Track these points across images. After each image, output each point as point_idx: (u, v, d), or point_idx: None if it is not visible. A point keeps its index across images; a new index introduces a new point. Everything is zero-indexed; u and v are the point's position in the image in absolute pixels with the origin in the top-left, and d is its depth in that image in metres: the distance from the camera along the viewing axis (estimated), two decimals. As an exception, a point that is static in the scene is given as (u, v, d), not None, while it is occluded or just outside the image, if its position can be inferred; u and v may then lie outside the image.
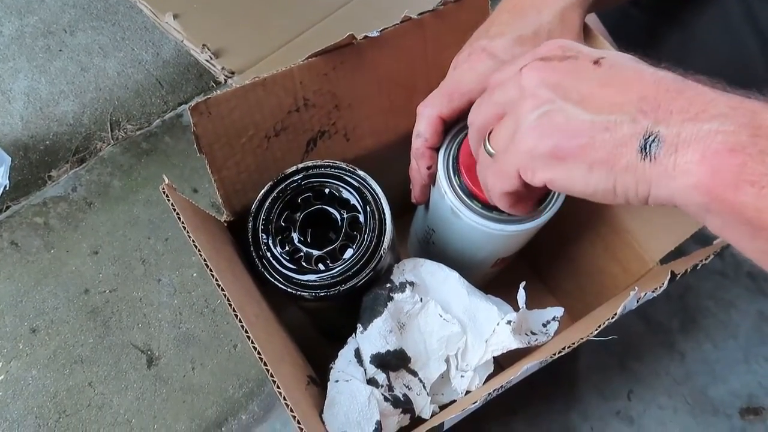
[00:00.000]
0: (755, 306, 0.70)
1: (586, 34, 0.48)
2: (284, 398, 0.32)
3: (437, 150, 0.46)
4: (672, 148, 0.27)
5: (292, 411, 0.32)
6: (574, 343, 0.35)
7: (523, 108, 0.32)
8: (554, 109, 0.31)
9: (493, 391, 0.33)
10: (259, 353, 0.33)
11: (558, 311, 0.45)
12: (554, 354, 0.35)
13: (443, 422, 0.33)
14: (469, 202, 0.44)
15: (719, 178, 0.25)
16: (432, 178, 0.48)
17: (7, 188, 0.71)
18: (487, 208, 0.43)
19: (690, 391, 0.64)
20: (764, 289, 0.71)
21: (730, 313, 0.69)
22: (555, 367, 0.37)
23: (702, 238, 0.49)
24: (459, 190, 0.44)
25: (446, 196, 0.44)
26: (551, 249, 0.61)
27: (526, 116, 0.32)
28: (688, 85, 0.28)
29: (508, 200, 0.37)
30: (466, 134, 0.45)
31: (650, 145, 0.27)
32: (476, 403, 0.33)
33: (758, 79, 0.55)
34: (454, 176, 0.44)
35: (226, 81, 0.75)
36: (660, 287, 0.38)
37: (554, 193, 0.45)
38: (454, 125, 0.47)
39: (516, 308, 0.43)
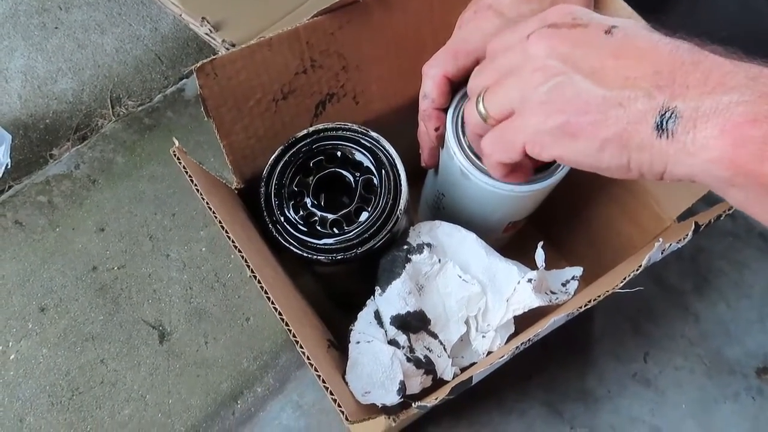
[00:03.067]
0: (768, 266, 0.69)
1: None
2: (308, 358, 0.31)
3: (445, 111, 0.45)
4: (690, 124, 0.26)
5: (317, 371, 0.31)
6: (599, 296, 0.35)
7: (531, 79, 0.31)
8: (564, 82, 0.30)
9: (521, 344, 0.33)
10: (280, 314, 0.32)
11: (577, 270, 0.45)
12: (580, 307, 0.34)
13: (472, 377, 0.32)
14: (478, 162, 0.43)
15: (742, 150, 0.25)
16: (440, 140, 0.47)
17: (9, 167, 0.70)
18: None
19: (705, 352, 0.64)
20: (777, 250, 0.70)
21: (743, 273, 0.69)
22: (570, 331, 0.36)
23: (712, 198, 0.48)
24: (468, 151, 0.43)
25: (455, 157, 0.43)
26: (563, 212, 0.60)
27: (536, 89, 0.31)
28: (705, 56, 0.27)
29: (503, 169, 0.36)
30: None
31: (667, 122, 0.27)
32: (504, 357, 0.33)
33: (767, 36, 0.54)
34: (464, 137, 0.43)
35: (227, 53, 0.74)
36: (684, 238, 0.37)
37: None
38: (463, 85, 0.46)
39: (533, 270, 0.43)
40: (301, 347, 0.32)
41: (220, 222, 0.35)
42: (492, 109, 0.34)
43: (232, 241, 0.34)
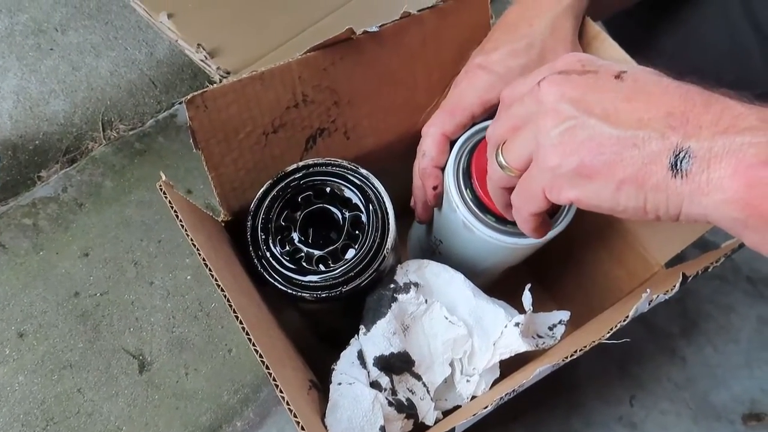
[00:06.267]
0: (755, 310, 0.69)
1: (593, 35, 0.48)
2: (287, 402, 0.31)
3: (443, 170, 0.46)
4: (704, 164, 0.26)
5: (295, 416, 0.30)
6: (585, 346, 0.34)
7: (543, 124, 0.31)
8: (577, 125, 0.30)
9: (506, 395, 0.32)
10: (260, 355, 0.32)
11: (564, 315, 0.44)
12: (566, 357, 0.34)
13: (455, 427, 0.31)
14: (482, 216, 0.42)
15: (756, 192, 0.25)
16: (438, 199, 0.47)
17: (-5, 188, 0.69)
18: (502, 221, 0.42)
19: (692, 396, 0.63)
20: (764, 293, 0.70)
21: (730, 317, 0.69)
22: (555, 373, 0.36)
23: (702, 243, 0.49)
24: (472, 204, 0.43)
25: (458, 210, 0.43)
26: (554, 254, 0.60)
27: (548, 133, 0.31)
28: (715, 98, 0.27)
29: (533, 222, 0.35)
30: (475, 145, 0.45)
31: (681, 162, 0.27)
32: (488, 408, 0.32)
33: (756, 75, 0.55)
34: (466, 189, 0.43)
35: (221, 81, 0.74)
36: (672, 289, 0.37)
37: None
38: (458, 139, 0.47)
39: (520, 311, 0.42)
40: (281, 391, 0.31)
41: (204, 260, 0.34)
42: (511, 159, 0.34)
43: (216, 281, 0.33)
